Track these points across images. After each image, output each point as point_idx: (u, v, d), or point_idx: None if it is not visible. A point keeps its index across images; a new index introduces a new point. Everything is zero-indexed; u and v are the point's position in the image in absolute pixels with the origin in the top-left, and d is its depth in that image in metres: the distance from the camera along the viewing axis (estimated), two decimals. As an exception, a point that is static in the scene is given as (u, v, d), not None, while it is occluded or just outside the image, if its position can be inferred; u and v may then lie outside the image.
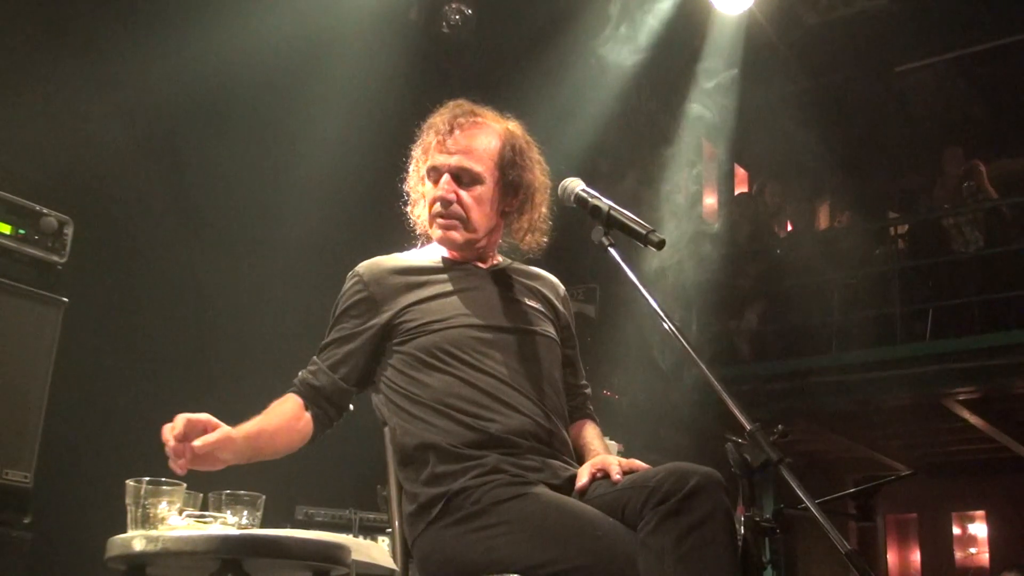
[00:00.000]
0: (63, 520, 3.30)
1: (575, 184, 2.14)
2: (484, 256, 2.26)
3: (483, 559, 1.84)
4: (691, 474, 1.70)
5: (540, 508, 1.85)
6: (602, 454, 2.08)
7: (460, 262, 2.22)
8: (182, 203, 4.34)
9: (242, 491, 1.77)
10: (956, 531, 11.43)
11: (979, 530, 11.32)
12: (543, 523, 1.82)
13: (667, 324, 1.88)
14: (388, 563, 2.03)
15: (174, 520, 1.68)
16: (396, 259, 2.23)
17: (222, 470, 1.85)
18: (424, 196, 2.22)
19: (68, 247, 3.20)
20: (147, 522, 1.67)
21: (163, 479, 1.71)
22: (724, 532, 1.67)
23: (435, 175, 2.18)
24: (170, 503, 1.69)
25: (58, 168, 3.72)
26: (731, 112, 7.41)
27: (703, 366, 1.78)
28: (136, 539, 1.64)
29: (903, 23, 7.67)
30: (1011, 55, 8.23)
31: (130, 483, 1.70)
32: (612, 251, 2.00)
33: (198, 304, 4.28)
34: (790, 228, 9.45)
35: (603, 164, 6.28)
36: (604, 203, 2.04)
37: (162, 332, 4.14)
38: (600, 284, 6.41)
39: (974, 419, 7.79)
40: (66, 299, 3.15)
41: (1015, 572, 7.25)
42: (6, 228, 3.05)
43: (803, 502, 1.60)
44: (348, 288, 2.18)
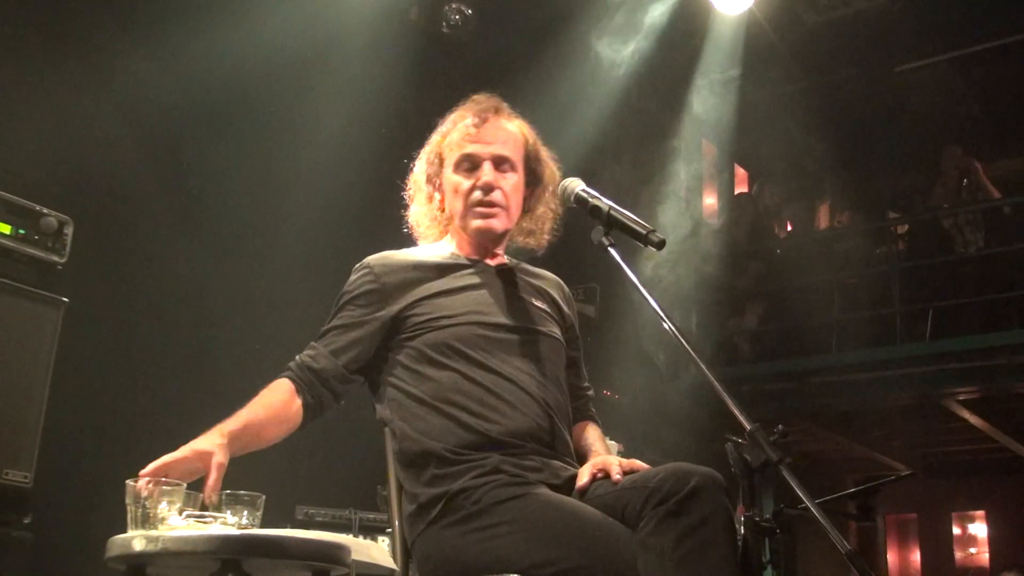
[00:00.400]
0: (63, 520, 3.30)
1: (575, 184, 2.14)
2: (495, 253, 2.26)
3: (483, 559, 1.84)
4: (691, 475, 1.70)
5: (540, 508, 1.85)
6: (603, 455, 2.08)
7: (470, 259, 2.22)
8: (182, 203, 4.34)
9: (242, 491, 1.77)
10: (956, 531, 11.42)
11: (979, 530, 11.32)
12: (543, 523, 1.82)
13: (667, 324, 1.88)
14: (388, 563, 2.03)
15: (174, 520, 1.68)
16: (406, 254, 2.23)
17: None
18: (455, 188, 2.18)
19: (68, 247, 3.20)
20: (147, 522, 1.67)
21: (163, 479, 1.71)
22: (724, 533, 1.67)
23: (470, 164, 2.17)
24: (170, 503, 1.69)
25: (58, 168, 3.72)
26: (731, 112, 7.41)
27: (703, 366, 1.78)
28: (136, 539, 1.64)
29: (903, 23, 7.65)
30: (1011, 55, 8.21)
31: (130, 483, 1.70)
32: (612, 251, 2.00)
33: (198, 304, 4.28)
34: (790, 228, 9.44)
35: (603, 164, 6.27)
36: (604, 203, 2.04)
37: (162, 332, 4.14)
38: (600, 284, 6.41)
39: (974, 419, 7.78)
40: (66, 299, 3.15)
41: (1015, 572, 7.26)
42: (6, 228, 3.05)
43: (803, 502, 1.60)
44: (357, 278, 2.16)
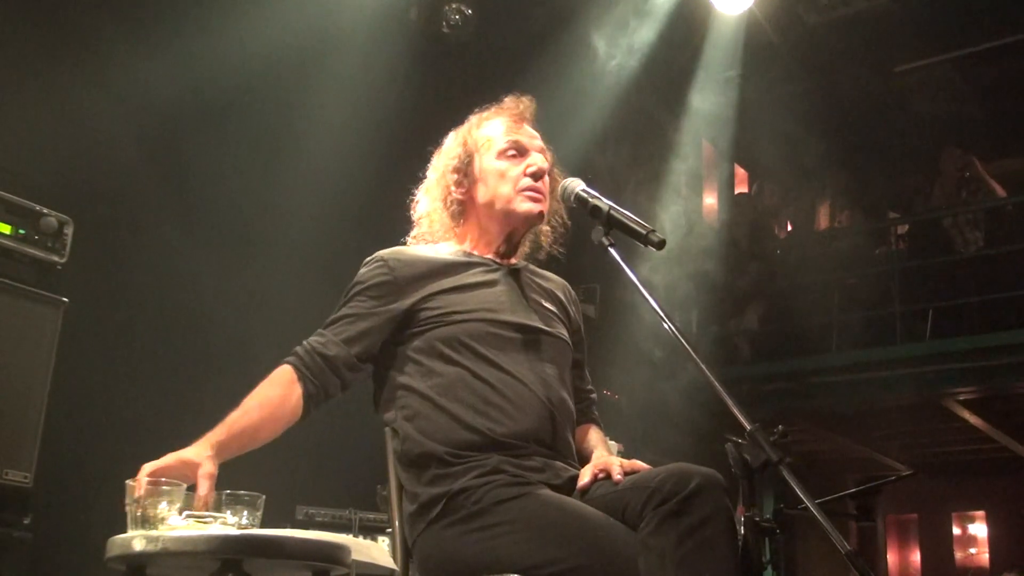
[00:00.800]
0: (63, 520, 3.30)
1: (575, 184, 2.15)
2: (508, 253, 2.26)
3: (483, 559, 1.84)
4: (692, 475, 1.70)
5: (540, 508, 1.85)
6: (605, 456, 2.08)
7: (482, 258, 2.22)
8: (182, 203, 4.34)
9: (242, 491, 1.77)
10: (956, 531, 11.43)
11: (979, 530, 11.32)
12: (543, 523, 1.82)
13: (667, 324, 1.88)
14: (388, 563, 2.03)
15: (174, 520, 1.68)
16: (419, 249, 2.23)
17: (222, 471, 1.85)
18: (501, 173, 2.19)
19: (68, 247, 3.20)
20: (147, 522, 1.67)
21: (163, 479, 1.71)
22: (725, 533, 1.67)
23: (518, 151, 2.21)
24: (170, 503, 1.69)
25: (58, 168, 3.72)
26: (731, 112, 7.41)
27: (703, 366, 1.78)
28: (136, 539, 1.64)
29: (903, 23, 7.65)
30: (1011, 55, 8.21)
31: (130, 483, 1.70)
32: (612, 251, 2.00)
33: (198, 304, 4.28)
34: (790, 228, 9.44)
35: (603, 164, 6.27)
36: (604, 203, 2.04)
37: (162, 332, 4.14)
38: (600, 284, 6.41)
39: (974, 419, 7.78)
40: (66, 299, 3.15)
41: (1014, 573, 7.26)
42: (6, 228, 3.05)
43: (803, 502, 1.60)
44: (370, 270, 2.15)
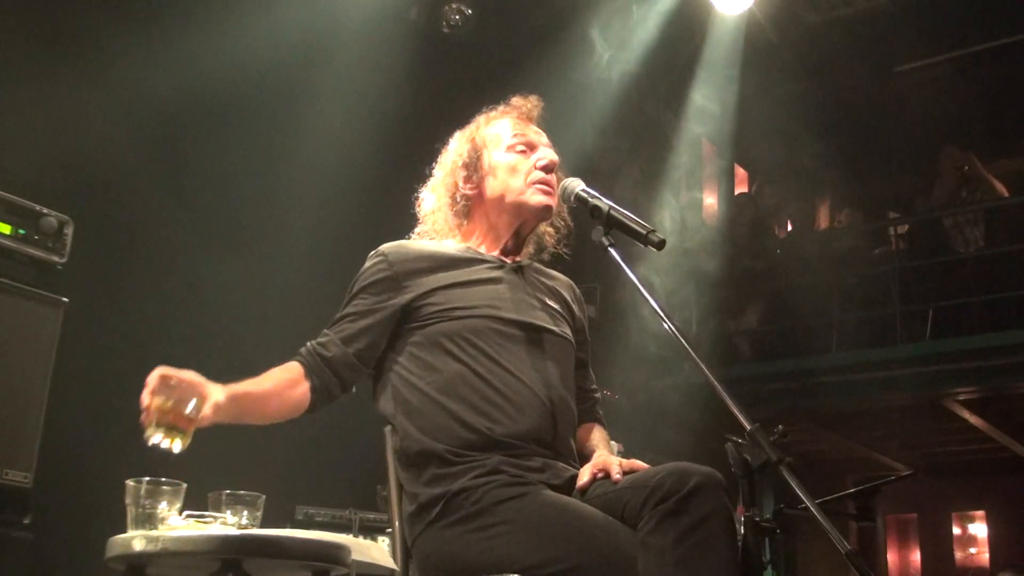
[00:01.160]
0: (63, 520, 3.30)
1: (575, 184, 2.14)
2: (514, 250, 2.25)
3: (483, 559, 1.84)
4: (691, 474, 1.70)
5: (540, 508, 1.85)
6: (605, 455, 2.08)
7: (487, 255, 2.21)
8: (182, 203, 4.34)
9: (242, 491, 1.77)
10: (956, 531, 11.42)
11: (979, 530, 11.31)
12: (543, 523, 1.82)
13: (667, 324, 1.88)
14: (388, 563, 2.03)
15: (174, 520, 1.68)
16: (421, 244, 2.22)
17: (222, 471, 1.85)
18: (512, 167, 2.20)
19: (68, 247, 3.20)
20: (147, 522, 1.67)
21: (163, 479, 1.71)
22: (724, 532, 1.67)
23: (527, 145, 2.22)
24: (170, 503, 1.69)
25: (58, 168, 3.72)
26: (731, 112, 7.40)
27: (703, 366, 1.77)
28: (136, 539, 1.64)
29: (903, 23, 7.65)
30: (1011, 55, 8.21)
31: (130, 483, 1.70)
32: (612, 251, 2.00)
33: (199, 304, 4.28)
34: (790, 228, 9.44)
35: (603, 164, 6.27)
36: (604, 203, 2.04)
37: (162, 332, 4.14)
38: (600, 284, 6.41)
39: (974, 419, 7.77)
40: (66, 299, 3.15)
41: (1012, 573, 7.25)
42: (6, 228, 3.05)
43: (803, 502, 1.60)
44: (371, 266, 2.15)
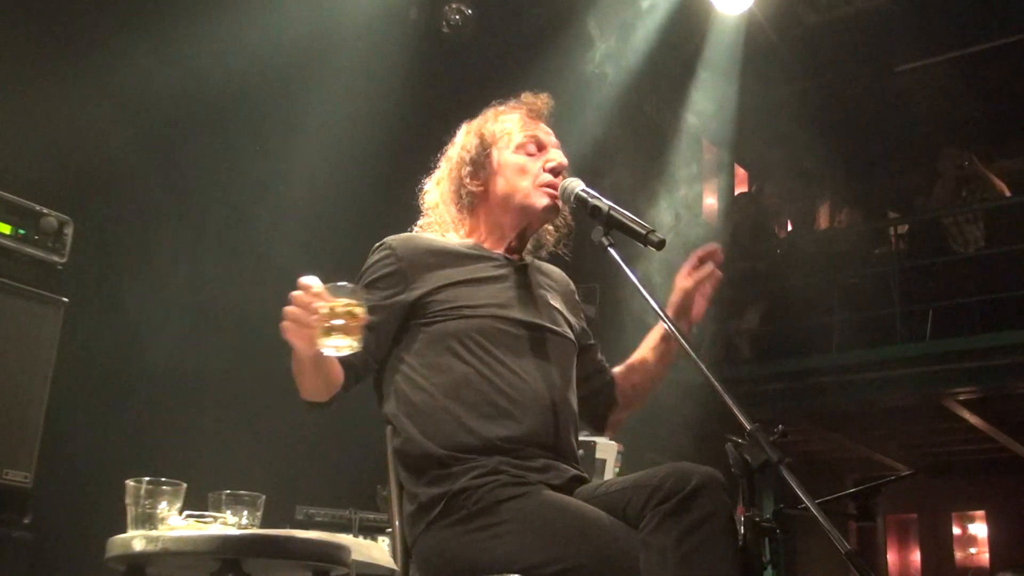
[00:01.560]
0: (63, 520, 3.30)
1: (575, 184, 2.13)
2: (518, 248, 2.24)
3: (483, 559, 1.84)
4: (693, 474, 1.70)
5: (541, 507, 1.85)
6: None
7: (492, 252, 2.19)
8: (182, 203, 4.34)
9: (242, 491, 1.77)
10: (956, 531, 11.43)
11: (979, 530, 11.32)
12: (544, 522, 1.82)
13: (667, 324, 1.89)
14: (388, 563, 2.04)
15: (174, 520, 1.68)
16: (427, 238, 2.19)
17: (221, 471, 1.85)
18: (520, 167, 2.17)
19: (68, 247, 3.20)
20: (147, 522, 1.67)
21: (163, 479, 1.71)
22: (725, 532, 1.67)
23: (537, 146, 2.20)
24: (170, 503, 1.69)
25: (58, 168, 3.72)
26: (731, 112, 7.40)
27: (703, 366, 1.77)
28: (136, 539, 1.64)
29: (903, 23, 7.66)
30: (1011, 55, 8.21)
31: (130, 483, 1.70)
32: (612, 251, 1.99)
33: (198, 304, 4.28)
34: (790, 228, 9.44)
35: (603, 164, 6.27)
36: (604, 203, 2.03)
37: (162, 332, 4.14)
38: (600, 284, 6.40)
39: (974, 419, 7.78)
40: (66, 299, 3.15)
41: (1012, 572, 7.26)
42: (6, 228, 3.05)
43: (803, 502, 1.60)
44: (378, 260, 2.11)
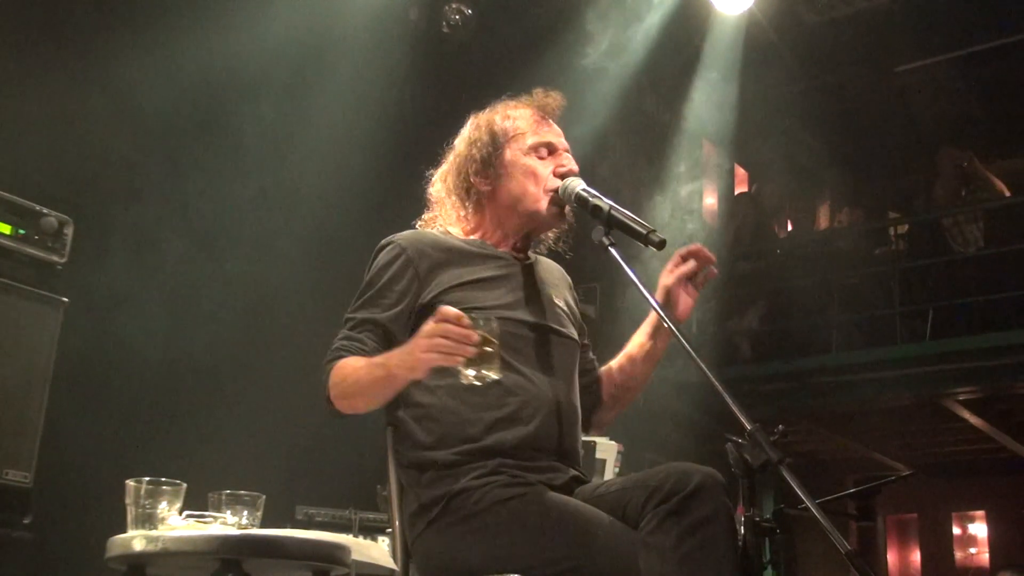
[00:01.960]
0: (63, 520, 3.30)
1: (576, 184, 2.13)
2: (524, 248, 2.23)
3: (483, 559, 1.84)
4: (693, 474, 1.70)
5: (541, 508, 1.85)
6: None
7: (498, 251, 2.17)
8: (182, 203, 4.34)
9: (242, 491, 1.77)
10: (956, 531, 11.42)
11: (979, 530, 11.30)
12: (544, 523, 1.82)
13: (667, 324, 1.89)
14: (388, 563, 2.04)
15: (174, 520, 1.68)
16: (433, 236, 2.15)
17: (221, 471, 1.85)
18: (531, 171, 2.15)
19: (68, 247, 3.20)
20: (147, 522, 1.67)
21: (163, 479, 1.71)
22: (725, 532, 1.67)
23: (549, 150, 2.19)
24: (170, 503, 1.69)
25: (58, 168, 3.72)
26: (731, 112, 7.40)
27: (703, 366, 1.77)
28: (136, 539, 1.64)
29: (903, 23, 7.65)
30: (1011, 55, 8.21)
31: (130, 483, 1.70)
32: (612, 251, 2.00)
33: (198, 304, 4.28)
34: (790, 228, 9.44)
35: (604, 164, 6.27)
36: (605, 203, 2.03)
37: (162, 332, 4.14)
38: (600, 284, 6.41)
39: (974, 419, 7.77)
40: (66, 299, 3.15)
41: (1012, 572, 7.25)
42: (6, 228, 3.05)
43: (803, 502, 1.60)
44: (389, 259, 2.07)
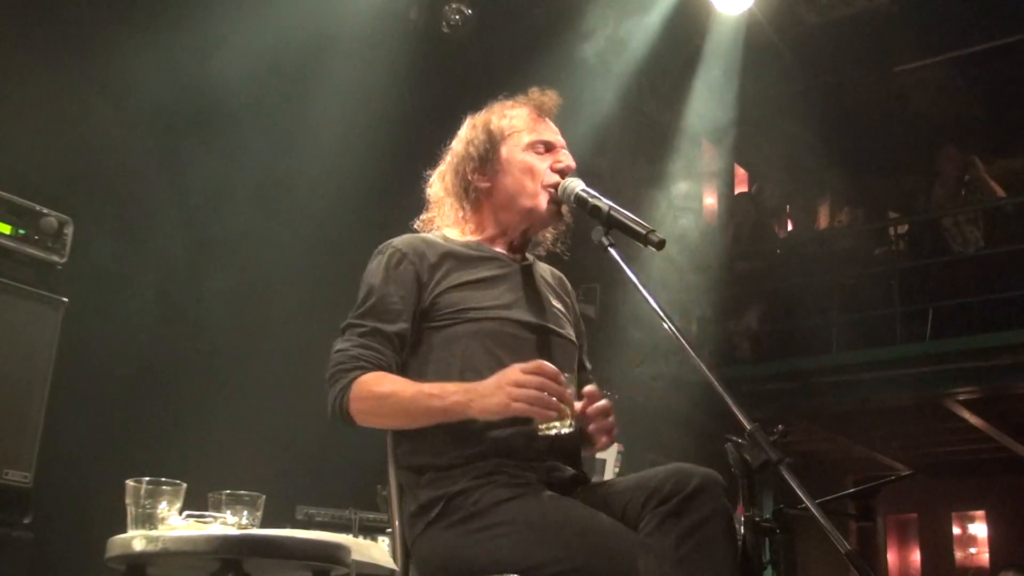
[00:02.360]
0: (63, 520, 3.30)
1: (575, 184, 2.12)
2: (523, 247, 2.22)
3: (483, 559, 1.84)
4: (692, 475, 1.70)
5: (540, 508, 1.85)
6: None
7: (495, 252, 2.17)
8: (182, 203, 4.34)
9: (242, 491, 1.77)
10: (956, 531, 11.43)
11: (979, 530, 11.31)
12: (543, 523, 1.82)
13: (667, 324, 1.88)
14: (388, 563, 2.04)
15: (174, 520, 1.68)
16: (430, 239, 2.14)
17: (221, 471, 1.85)
18: (529, 168, 2.15)
19: (68, 247, 3.20)
20: (147, 522, 1.67)
21: (163, 479, 1.71)
22: (725, 533, 1.67)
23: (546, 147, 2.19)
24: (170, 503, 1.69)
25: (58, 168, 3.72)
26: (731, 112, 7.40)
27: (703, 366, 1.77)
28: (136, 539, 1.64)
29: (903, 23, 7.66)
30: (1011, 55, 8.21)
31: (130, 483, 1.70)
32: (612, 251, 1.99)
33: (199, 304, 4.29)
34: (790, 228, 9.45)
35: (603, 164, 6.27)
36: (604, 203, 2.03)
37: (162, 332, 4.15)
38: (600, 284, 6.41)
39: (974, 419, 7.78)
40: (66, 299, 3.15)
41: (1013, 572, 7.25)
42: (6, 228, 3.05)
43: (803, 502, 1.60)
44: (389, 263, 2.05)
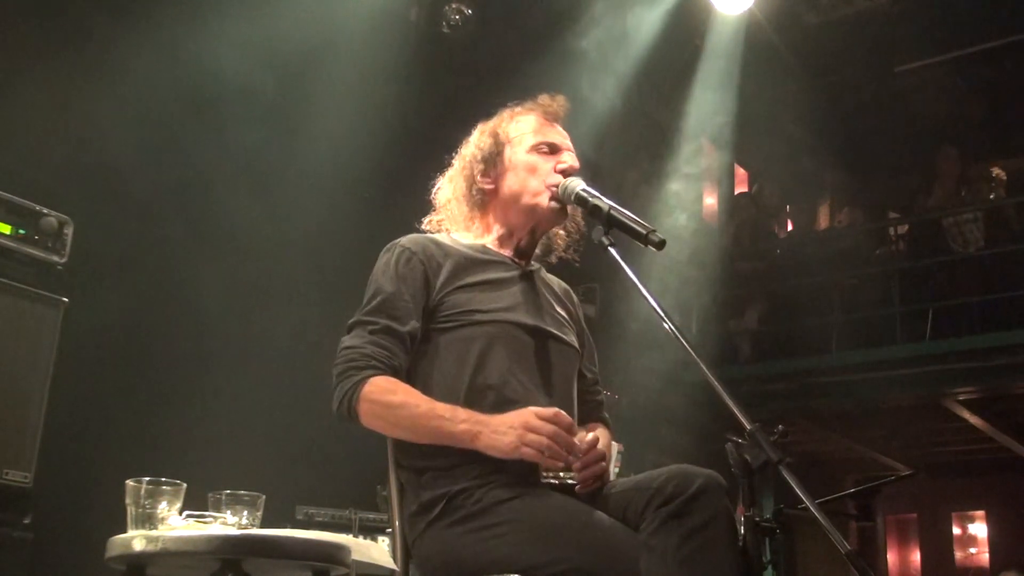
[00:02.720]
0: (63, 520, 3.30)
1: (575, 184, 2.13)
2: (526, 253, 2.22)
3: (483, 559, 1.84)
4: (694, 477, 1.70)
5: (541, 508, 1.85)
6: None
7: (500, 256, 2.17)
8: (182, 203, 4.34)
9: (242, 491, 1.77)
10: (956, 531, 11.42)
11: (979, 530, 11.31)
12: (544, 523, 1.82)
13: (667, 324, 1.88)
14: (388, 563, 2.03)
15: (174, 520, 1.68)
16: (436, 240, 2.15)
17: (221, 471, 1.85)
18: (533, 167, 2.16)
19: (68, 247, 3.20)
20: (147, 522, 1.67)
21: (163, 479, 1.71)
22: (726, 535, 1.68)
23: (550, 148, 2.20)
24: (170, 503, 1.69)
25: (58, 168, 3.72)
26: (731, 112, 7.40)
27: (703, 366, 1.77)
28: (136, 539, 1.64)
29: (903, 23, 7.67)
30: (1011, 55, 8.22)
31: (130, 483, 1.70)
32: (612, 251, 1.99)
33: (198, 304, 4.28)
34: (790, 228, 9.45)
35: (603, 164, 6.27)
36: (604, 203, 2.03)
37: (162, 332, 4.15)
38: (600, 284, 6.41)
39: (974, 419, 7.78)
40: (66, 299, 3.15)
41: (1013, 572, 7.25)
42: (6, 228, 3.05)
43: (803, 502, 1.60)
44: (399, 262, 2.06)
